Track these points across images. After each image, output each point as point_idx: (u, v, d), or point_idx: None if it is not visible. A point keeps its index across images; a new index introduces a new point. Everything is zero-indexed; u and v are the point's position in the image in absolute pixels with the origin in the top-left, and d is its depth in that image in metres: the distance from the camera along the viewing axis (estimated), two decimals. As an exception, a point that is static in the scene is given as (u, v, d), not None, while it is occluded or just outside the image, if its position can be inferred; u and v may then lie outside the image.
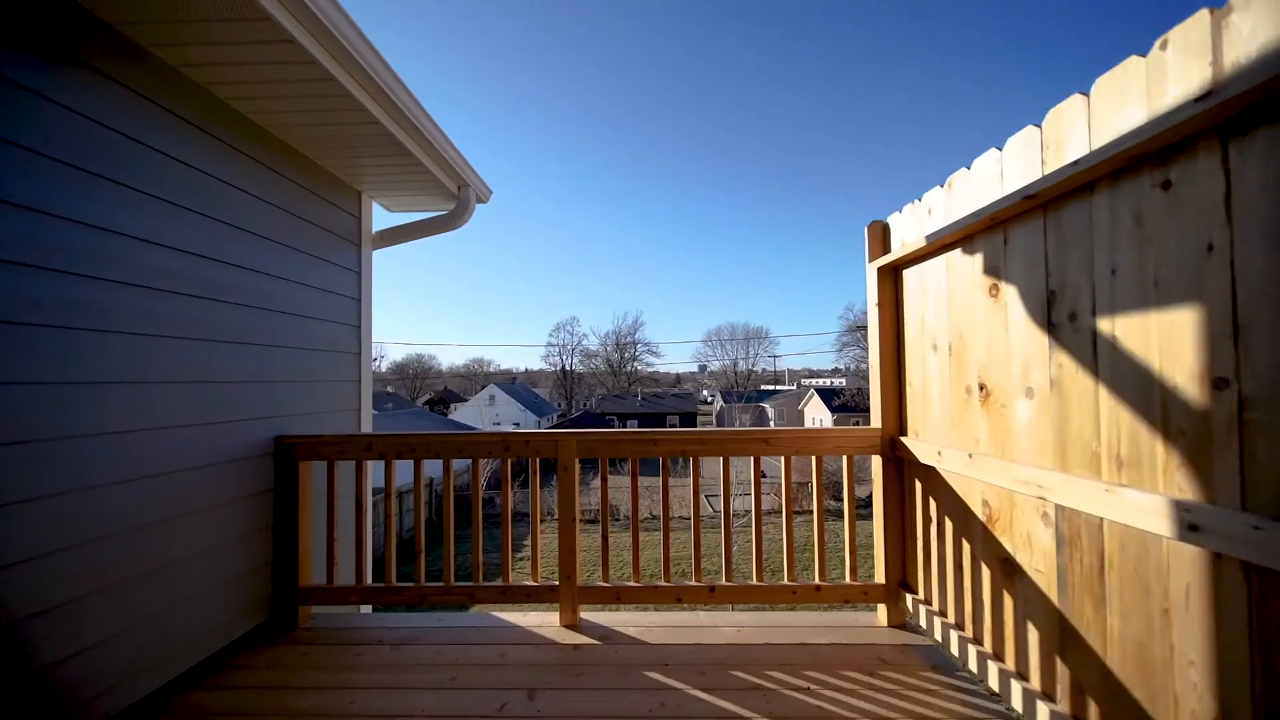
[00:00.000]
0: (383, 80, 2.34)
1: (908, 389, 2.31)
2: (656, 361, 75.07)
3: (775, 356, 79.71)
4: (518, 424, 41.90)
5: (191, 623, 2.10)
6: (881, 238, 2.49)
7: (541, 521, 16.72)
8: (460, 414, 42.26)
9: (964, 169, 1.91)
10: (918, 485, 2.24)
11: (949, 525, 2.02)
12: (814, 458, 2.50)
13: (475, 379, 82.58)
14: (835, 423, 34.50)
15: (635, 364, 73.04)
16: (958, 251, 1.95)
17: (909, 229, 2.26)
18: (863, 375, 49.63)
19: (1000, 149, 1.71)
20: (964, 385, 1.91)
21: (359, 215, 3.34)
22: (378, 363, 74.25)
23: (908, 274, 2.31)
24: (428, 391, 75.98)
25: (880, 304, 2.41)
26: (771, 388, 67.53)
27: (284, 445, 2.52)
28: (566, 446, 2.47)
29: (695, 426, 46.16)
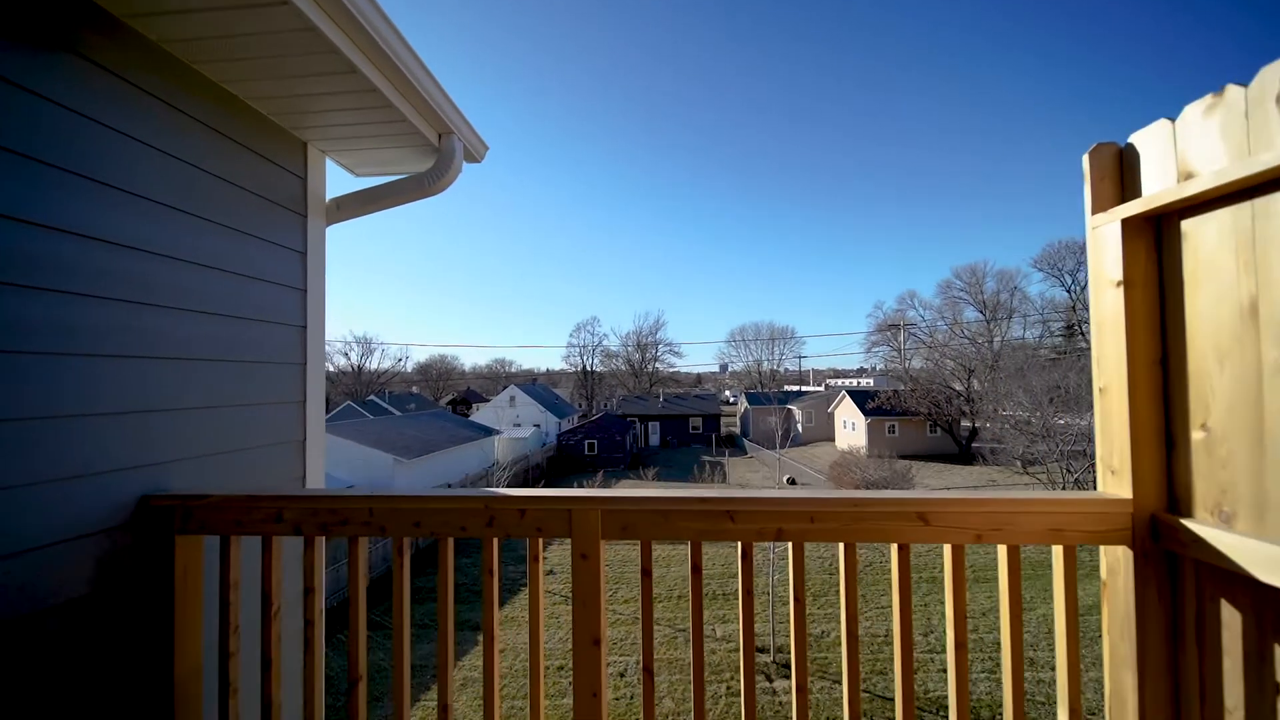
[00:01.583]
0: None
1: (1193, 433, 1.29)
2: (678, 362, 74.04)
3: (801, 357, 77.84)
4: (538, 425, 41.39)
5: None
6: (1116, 173, 1.47)
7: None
8: (480, 415, 41.99)
9: None
10: (1229, 614, 1.21)
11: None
12: (1002, 547, 1.48)
13: (497, 379, 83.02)
14: (869, 428, 32.82)
15: (656, 364, 72.15)
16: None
17: (1200, 148, 1.24)
18: (895, 376, 47.68)
19: None
20: None
21: (304, 175, 2.46)
22: (402, 363, 75.16)
23: (1195, 225, 1.28)
24: (451, 392, 76.54)
25: (1128, 281, 1.39)
26: (796, 388, 65.88)
27: (153, 510, 1.64)
28: (585, 519, 1.52)
29: (719, 429, 45.03)
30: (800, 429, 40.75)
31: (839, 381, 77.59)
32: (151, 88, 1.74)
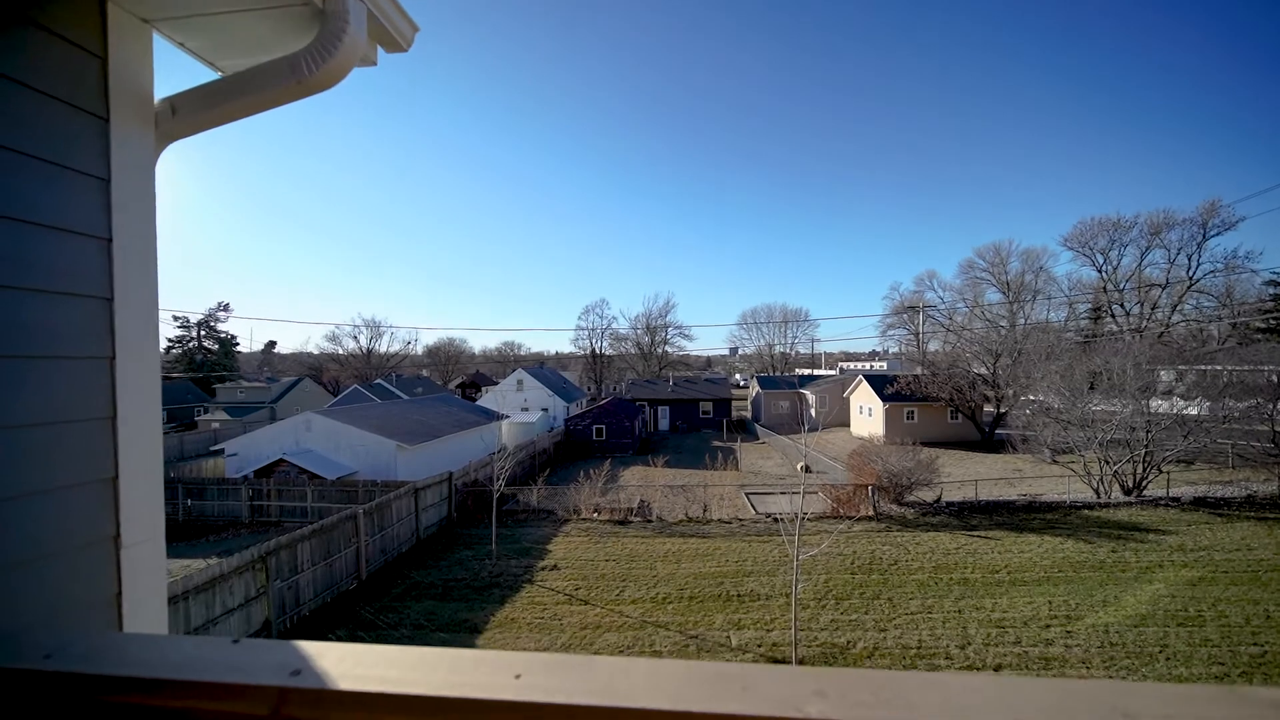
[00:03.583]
0: None
1: None
2: (688, 345, 72.94)
3: (814, 340, 76.37)
4: (545, 409, 40.82)
5: None
6: None
7: None
8: (487, 399, 41.49)
9: None
10: None
11: None
12: None
13: (506, 363, 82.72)
14: (887, 414, 31.66)
15: (666, 347, 71.17)
16: None
17: None
18: (911, 359, 46.45)
19: None
20: None
21: (102, 53, 1.52)
22: (411, 346, 74.86)
23: None
24: (459, 375, 76.35)
25: None
26: (808, 372, 64.66)
27: None
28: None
29: (730, 414, 44.10)
30: (814, 414, 39.73)
31: (851, 365, 76.19)
32: None
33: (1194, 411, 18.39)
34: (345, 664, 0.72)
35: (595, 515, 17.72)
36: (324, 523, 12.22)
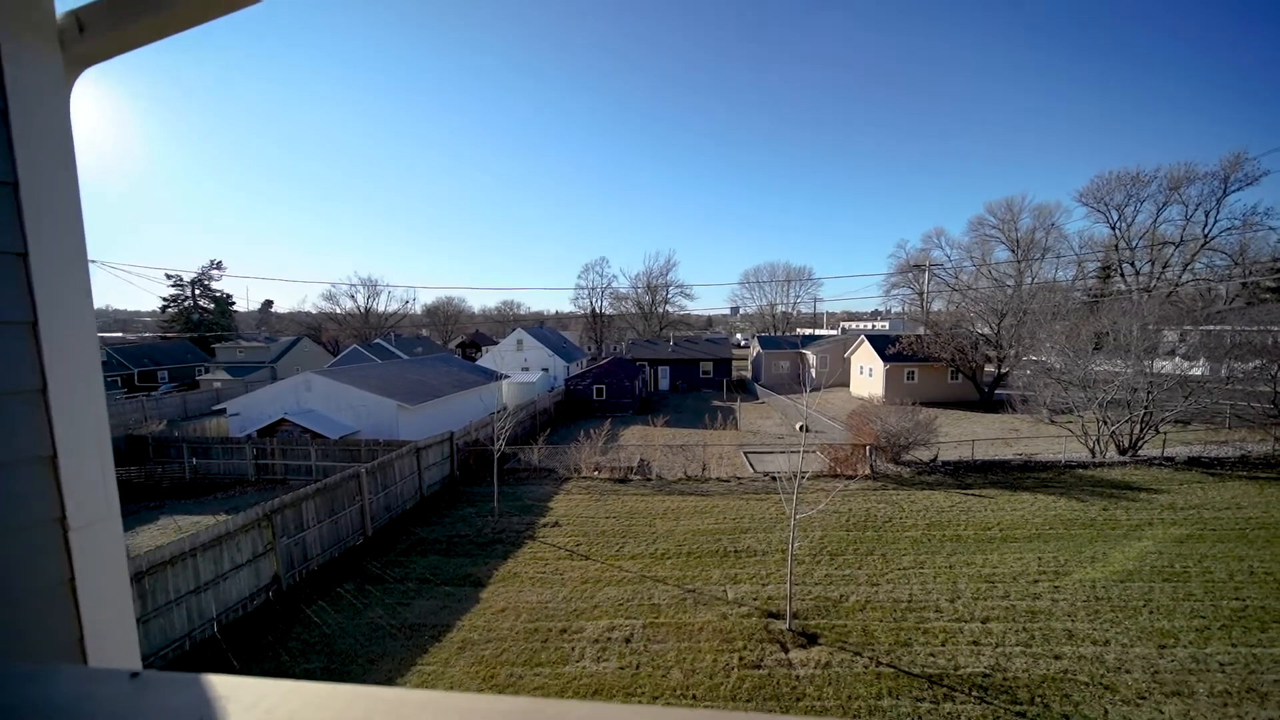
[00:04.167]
0: None
1: None
2: (689, 304, 72.24)
3: (817, 300, 75.66)
4: (546, 369, 40.87)
5: None
6: None
7: None
8: (487, 359, 41.46)
9: None
10: None
11: None
12: None
13: (506, 322, 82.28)
14: (887, 374, 31.65)
15: (667, 306, 70.54)
16: None
17: None
18: (914, 319, 46.18)
19: None
20: None
21: (-20, -51, 1.25)
22: (409, 305, 74.18)
23: None
24: (459, 334, 76.11)
25: None
26: (810, 331, 64.37)
27: None
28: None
29: (731, 374, 44.21)
30: (814, 374, 39.78)
31: (854, 325, 75.81)
32: None
33: (1197, 372, 18.30)
34: (259, 709, 0.58)
35: (596, 474, 17.97)
36: (327, 481, 12.37)
